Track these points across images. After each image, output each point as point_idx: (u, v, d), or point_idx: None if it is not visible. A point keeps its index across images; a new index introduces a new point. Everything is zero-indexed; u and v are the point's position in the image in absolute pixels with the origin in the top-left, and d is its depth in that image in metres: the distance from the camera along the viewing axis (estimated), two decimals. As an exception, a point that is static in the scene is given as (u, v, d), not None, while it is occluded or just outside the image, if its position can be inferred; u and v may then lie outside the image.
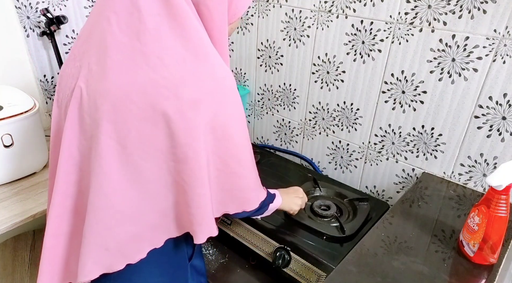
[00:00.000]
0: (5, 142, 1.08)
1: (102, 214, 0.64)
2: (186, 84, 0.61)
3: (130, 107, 0.60)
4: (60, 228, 0.70)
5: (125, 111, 0.60)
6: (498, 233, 0.76)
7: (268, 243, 1.02)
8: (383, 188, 1.26)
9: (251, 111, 1.56)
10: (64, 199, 0.69)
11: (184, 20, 0.61)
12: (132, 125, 0.61)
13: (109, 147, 0.61)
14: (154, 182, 0.65)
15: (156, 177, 0.65)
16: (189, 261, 0.82)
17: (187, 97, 0.61)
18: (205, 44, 0.64)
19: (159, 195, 0.66)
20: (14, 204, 1.06)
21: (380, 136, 1.19)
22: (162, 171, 0.64)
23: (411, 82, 1.06)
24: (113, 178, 0.63)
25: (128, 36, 0.60)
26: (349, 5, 1.11)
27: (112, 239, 0.66)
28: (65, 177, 0.68)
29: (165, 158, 0.63)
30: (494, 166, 1.00)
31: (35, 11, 1.34)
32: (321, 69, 1.25)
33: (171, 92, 0.60)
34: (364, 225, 1.02)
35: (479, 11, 0.90)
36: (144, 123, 0.61)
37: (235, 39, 1.47)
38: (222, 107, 0.65)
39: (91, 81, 0.62)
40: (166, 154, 0.63)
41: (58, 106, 0.70)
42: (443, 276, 0.76)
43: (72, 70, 0.66)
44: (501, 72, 0.91)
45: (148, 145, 0.62)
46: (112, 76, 0.61)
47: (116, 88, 0.60)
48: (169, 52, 0.60)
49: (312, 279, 0.93)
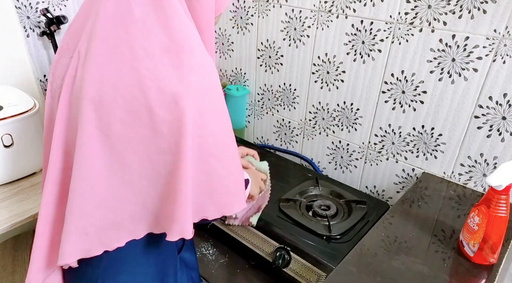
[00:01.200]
0: (5, 142, 1.08)
1: (83, 199, 0.65)
2: (170, 77, 0.61)
3: (115, 97, 0.61)
4: (49, 216, 0.72)
5: (110, 101, 0.61)
6: (498, 233, 0.76)
7: (268, 243, 1.02)
8: (383, 188, 1.26)
9: (251, 111, 1.56)
10: (53, 187, 0.70)
11: (172, 12, 0.61)
12: (116, 116, 0.61)
13: (92, 134, 0.62)
14: (137, 173, 0.65)
15: (139, 168, 0.65)
16: (179, 253, 0.82)
17: (170, 90, 0.61)
18: (192, 37, 0.64)
19: (141, 186, 0.66)
20: (14, 204, 1.06)
21: (380, 136, 1.19)
22: (145, 163, 0.64)
23: (411, 82, 1.06)
24: (96, 165, 0.63)
25: (115, 26, 0.61)
26: (349, 5, 1.11)
27: (92, 224, 0.66)
28: (54, 164, 0.69)
29: (148, 150, 0.63)
30: (494, 166, 1.00)
31: (35, 11, 1.34)
32: (321, 69, 1.25)
33: (154, 84, 0.60)
34: (354, 226, 1.02)
35: (479, 11, 0.90)
36: (127, 114, 0.61)
37: (235, 39, 1.47)
38: (205, 102, 0.65)
39: (79, 70, 0.63)
40: (150, 145, 0.63)
41: (51, 97, 0.71)
42: (443, 276, 0.76)
43: (66, 60, 0.67)
44: (501, 72, 0.91)
45: (131, 136, 0.62)
46: (98, 66, 0.61)
47: (102, 78, 0.61)
48: (154, 43, 0.61)
49: (312, 279, 0.93)
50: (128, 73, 0.60)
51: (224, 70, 1.59)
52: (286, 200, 1.11)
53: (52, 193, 0.70)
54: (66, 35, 0.69)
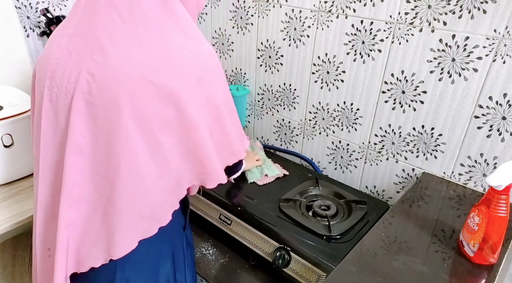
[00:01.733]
0: (5, 142, 1.08)
1: (135, 186, 0.69)
2: (187, 61, 0.69)
3: (145, 85, 0.66)
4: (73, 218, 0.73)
5: (141, 90, 0.66)
6: (498, 233, 0.76)
7: (268, 243, 1.02)
8: (383, 188, 1.26)
9: (251, 111, 1.56)
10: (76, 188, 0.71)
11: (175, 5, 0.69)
12: (148, 102, 0.67)
13: (132, 125, 0.67)
14: (170, 151, 0.71)
15: (171, 147, 0.71)
16: (184, 231, 0.89)
17: (189, 74, 0.68)
18: (191, 23, 0.72)
19: (174, 162, 0.73)
20: (14, 204, 1.06)
21: (380, 136, 1.19)
22: (174, 140, 0.71)
23: (411, 82, 1.06)
24: (139, 152, 0.68)
25: (126, 23, 0.66)
26: (349, 5, 1.11)
27: (146, 207, 0.72)
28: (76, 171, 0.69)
29: (176, 128, 0.70)
30: (494, 166, 1.00)
31: (35, 11, 1.34)
32: (321, 69, 1.25)
33: (178, 71, 0.68)
34: (354, 226, 1.02)
35: (479, 11, 0.90)
36: (156, 99, 0.67)
37: (235, 39, 1.47)
38: (216, 80, 0.74)
39: (98, 71, 0.66)
40: (176, 124, 0.70)
41: (50, 101, 0.71)
42: (443, 276, 0.76)
43: (68, 64, 0.68)
44: (501, 72, 0.91)
45: (161, 117, 0.68)
46: (121, 61, 0.65)
47: (129, 72, 0.65)
48: (170, 36, 0.68)
49: (312, 279, 0.93)
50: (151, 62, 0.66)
51: (224, 70, 1.59)
52: (286, 200, 1.11)
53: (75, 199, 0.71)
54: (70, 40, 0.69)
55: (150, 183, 0.71)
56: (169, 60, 0.67)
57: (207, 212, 1.17)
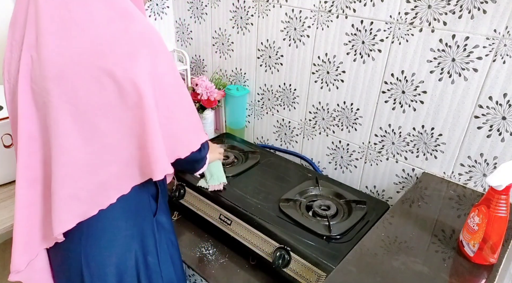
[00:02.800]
0: (5, 142, 1.08)
1: (67, 168, 0.71)
2: (119, 40, 0.68)
3: (75, 69, 0.67)
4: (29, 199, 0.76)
5: (71, 74, 0.67)
6: (498, 233, 0.76)
7: (268, 243, 1.02)
8: (383, 188, 1.26)
9: (251, 111, 1.56)
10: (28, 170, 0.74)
11: None
12: (79, 85, 0.67)
13: (62, 108, 0.68)
14: (111, 135, 0.71)
15: (112, 130, 0.71)
16: (154, 216, 0.89)
17: (122, 51, 0.68)
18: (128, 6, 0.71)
19: (118, 146, 0.73)
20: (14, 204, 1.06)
21: (380, 136, 1.19)
22: (115, 124, 0.71)
23: (411, 82, 1.06)
24: (71, 135, 0.69)
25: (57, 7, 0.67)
26: (349, 5, 1.11)
27: (82, 189, 0.73)
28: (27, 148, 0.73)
29: (117, 110, 0.70)
30: (494, 166, 1.00)
31: (35, 11, 1.34)
32: (321, 69, 1.25)
33: (107, 48, 0.67)
34: (354, 226, 1.02)
35: (479, 11, 0.90)
36: (89, 81, 0.67)
37: (235, 39, 1.47)
38: (156, 58, 0.73)
39: (34, 56, 0.68)
40: (117, 105, 0.69)
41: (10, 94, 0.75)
42: (443, 276, 0.76)
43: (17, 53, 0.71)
44: (501, 72, 0.91)
45: (97, 100, 0.68)
46: (52, 46, 0.67)
47: (59, 56, 0.67)
48: (97, 14, 0.68)
49: (312, 279, 0.93)
50: (82, 45, 0.67)
51: (224, 70, 1.59)
52: (286, 200, 1.11)
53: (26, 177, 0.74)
54: (11, 31, 0.72)
55: (86, 166, 0.71)
56: (95, 39, 0.67)
57: (207, 212, 1.17)
